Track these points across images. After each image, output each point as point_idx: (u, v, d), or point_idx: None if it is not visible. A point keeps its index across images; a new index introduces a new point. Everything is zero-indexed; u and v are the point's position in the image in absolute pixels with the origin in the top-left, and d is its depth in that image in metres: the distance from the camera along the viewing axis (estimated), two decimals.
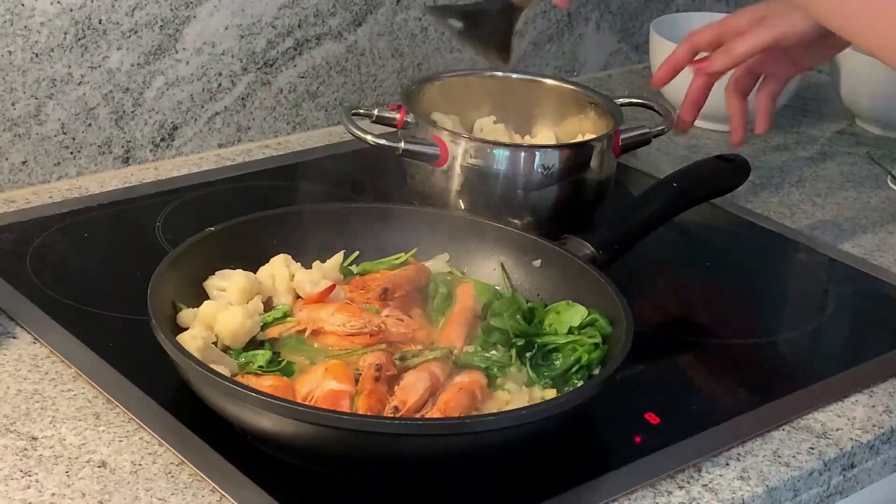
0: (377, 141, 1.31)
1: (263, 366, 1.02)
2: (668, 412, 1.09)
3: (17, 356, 1.09)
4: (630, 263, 1.24)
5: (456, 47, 1.70)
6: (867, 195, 1.57)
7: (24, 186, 1.38)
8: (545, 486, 0.98)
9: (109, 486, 0.94)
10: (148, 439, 1.00)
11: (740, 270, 1.37)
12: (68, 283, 1.20)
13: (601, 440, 1.07)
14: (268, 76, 1.53)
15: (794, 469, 1.04)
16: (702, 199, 1.33)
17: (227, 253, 1.13)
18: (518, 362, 1.07)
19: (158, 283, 1.05)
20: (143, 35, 1.40)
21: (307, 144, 1.56)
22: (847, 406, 1.13)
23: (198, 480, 0.96)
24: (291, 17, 1.52)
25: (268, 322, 1.09)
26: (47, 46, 1.34)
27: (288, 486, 0.95)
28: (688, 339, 1.23)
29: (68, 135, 1.39)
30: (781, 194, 1.55)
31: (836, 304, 1.32)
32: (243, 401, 0.94)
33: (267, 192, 1.44)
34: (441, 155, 1.31)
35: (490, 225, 1.21)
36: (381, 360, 1.03)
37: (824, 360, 1.22)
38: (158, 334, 0.99)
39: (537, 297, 1.16)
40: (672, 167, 1.50)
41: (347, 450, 0.94)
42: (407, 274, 1.16)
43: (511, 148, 1.34)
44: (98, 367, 1.08)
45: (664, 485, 1.01)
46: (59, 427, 1.00)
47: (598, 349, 1.06)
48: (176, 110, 1.46)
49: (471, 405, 1.00)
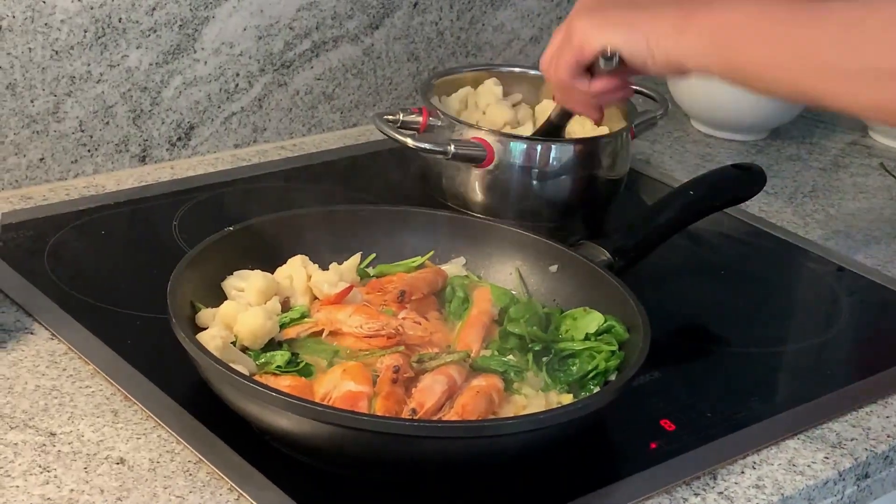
0: (420, 145, 1.31)
1: (282, 366, 1.03)
2: (684, 419, 1.09)
3: (35, 352, 1.09)
4: (644, 271, 1.24)
5: (471, 52, 1.70)
6: (880, 206, 1.57)
7: (41, 183, 1.38)
8: (561, 491, 0.99)
9: (128, 483, 0.95)
10: (166, 437, 1.00)
11: (754, 279, 1.38)
12: (85, 281, 1.21)
13: (617, 446, 1.07)
14: (284, 78, 1.53)
15: (808, 478, 1.04)
16: (717, 207, 1.33)
17: (245, 253, 1.14)
18: (535, 367, 1.07)
19: (178, 281, 1.05)
20: (161, 34, 1.41)
21: (322, 146, 1.57)
22: (862, 416, 1.13)
23: (215, 479, 0.96)
24: (309, 20, 1.53)
25: (285, 323, 1.09)
26: (67, 44, 1.35)
27: (305, 486, 0.96)
28: (703, 347, 1.24)
29: (86, 132, 1.39)
30: (795, 204, 1.55)
31: (850, 314, 1.32)
32: (263, 400, 0.94)
33: (282, 193, 1.44)
34: (487, 156, 1.32)
35: (507, 229, 1.21)
36: (398, 362, 1.03)
37: (838, 370, 1.22)
38: (178, 333, 0.99)
39: (553, 303, 1.16)
40: (685, 175, 1.50)
41: (365, 451, 0.95)
42: (424, 277, 1.16)
43: (557, 143, 1.35)
44: (116, 364, 1.08)
45: (679, 491, 1.01)
46: (77, 423, 1.01)
47: (614, 356, 1.07)
48: (193, 110, 1.47)
49: (488, 409, 1.01)
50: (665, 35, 1.06)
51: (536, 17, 1.75)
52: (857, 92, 0.97)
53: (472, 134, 1.33)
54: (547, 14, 1.76)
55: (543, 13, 1.76)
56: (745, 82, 1.05)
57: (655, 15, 1.07)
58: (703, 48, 1.04)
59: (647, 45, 1.07)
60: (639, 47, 1.07)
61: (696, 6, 1.05)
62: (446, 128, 1.35)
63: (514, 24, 1.73)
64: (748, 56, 1.02)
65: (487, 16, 1.70)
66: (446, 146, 1.31)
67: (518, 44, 1.75)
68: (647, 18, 1.08)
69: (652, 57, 1.07)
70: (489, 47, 1.72)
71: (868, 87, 0.96)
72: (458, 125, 1.35)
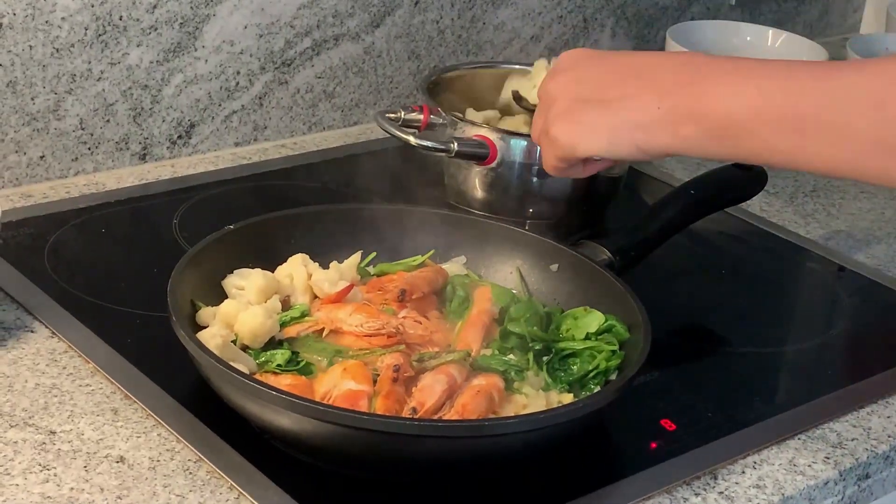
0: (422, 143, 1.31)
1: (282, 365, 1.03)
2: (684, 419, 1.09)
3: (35, 350, 1.09)
4: (644, 270, 1.24)
5: (471, 50, 1.70)
6: (881, 206, 1.57)
7: (41, 181, 1.38)
8: (561, 490, 0.99)
9: (128, 482, 0.95)
10: (166, 436, 1.00)
11: (754, 279, 1.38)
12: (85, 279, 1.21)
13: (617, 446, 1.07)
14: (285, 76, 1.53)
15: (809, 478, 1.04)
16: (718, 207, 1.33)
17: (246, 251, 1.13)
18: (535, 366, 1.07)
19: (178, 280, 1.05)
20: (162, 32, 1.41)
21: (323, 145, 1.57)
22: (862, 416, 1.13)
23: (215, 478, 0.96)
24: (310, 18, 1.52)
25: (285, 321, 1.09)
26: (68, 42, 1.34)
27: (305, 485, 0.96)
28: (703, 347, 1.24)
29: (86, 130, 1.39)
30: (796, 204, 1.55)
31: (851, 314, 1.32)
32: (263, 399, 0.94)
33: (282, 191, 1.44)
34: (490, 154, 1.31)
35: (507, 228, 1.21)
36: (399, 361, 1.03)
37: (839, 370, 1.22)
38: (179, 331, 0.99)
39: (554, 302, 1.16)
40: (686, 174, 1.50)
41: (365, 450, 0.95)
42: (425, 276, 1.16)
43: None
44: (116, 362, 1.08)
45: (680, 491, 1.01)
46: (77, 422, 1.01)
47: (615, 356, 1.07)
48: (193, 108, 1.47)
49: (488, 408, 1.00)
50: (656, 133, 0.97)
51: (537, 16, 1.75)
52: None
53: (475, 132, 1.33)
54: (548, 13, 1.76)
55: (545, 12, 1.75)
56: (771, 166, 0.99)
57: (638, 107, 0.98)
58: (706, 140, 0.96)
59: (636, 147, 0.99)
60: (627, 150, 1.00)
61: (683, 89, 0.96)
62: (448, 125, 1.35)
63: (514, 23, 1.73)
64: (771, 144, 0.94)
65: (488, 14, 1.70)
66: (449, 144, 1.30)
67: (519, 42, 1.75)
68: (630, 117, 0.98)
69: (644, 153, 1.00)
70: (490, 46, 1.72)
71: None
72: (459, 123, 1.35)
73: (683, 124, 0.96)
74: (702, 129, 0.95)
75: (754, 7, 2.04)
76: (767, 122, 0.92)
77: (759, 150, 0.94)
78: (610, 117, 1.00)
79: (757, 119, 0.93)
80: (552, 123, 1.03)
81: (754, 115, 0.93)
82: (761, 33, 1.80)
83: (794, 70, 0.93)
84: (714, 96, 0.95)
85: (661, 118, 0.97)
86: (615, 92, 1.00)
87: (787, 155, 0.93)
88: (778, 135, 0.92)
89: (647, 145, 0.99)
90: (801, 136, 0.91)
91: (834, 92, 0.90)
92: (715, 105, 0.95)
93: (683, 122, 0.96)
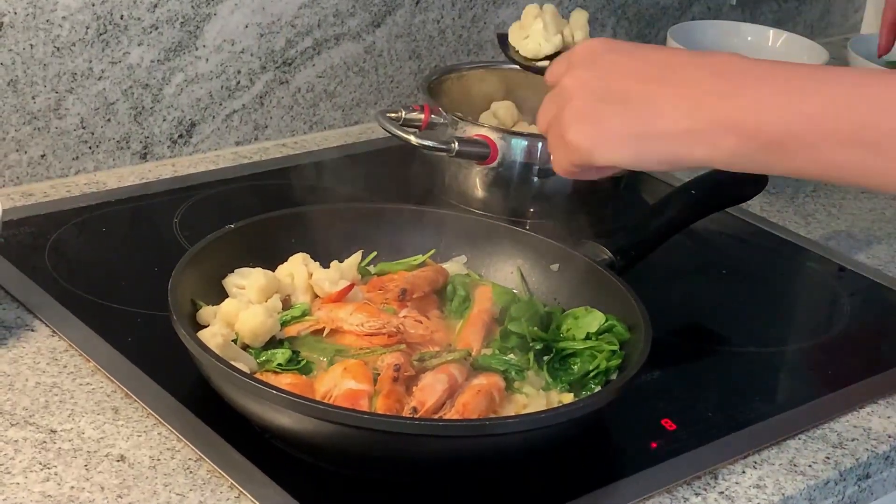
0: (423, 142, 1.30)
1: (283, 364, 1.03)
2: (685, 419, 1.09)
3: (36, 349, 1.09)
4: (645, 270, 1.24)
5: (472, 50, 1.70)
6: (882, 206, 1.57)
7: (42, 180, 1.38)
8: (561, 490, 0.99)
9: (128, 481, 0.95)
10: (166, 434, 1.00)
11: (755, 279, 1.38)
12: (86, 278, 1.21)
13: (617, 446, 1.07)
14: (286, 75, 1.53)
15: (809, 478, 1.04)
16: (719, 206, 1.33)
17: (246, 250, 1.13)
18: (536, 366, 1.07)
19: (179, 279, 1.05)
20: (163, 31, 1.41)
21: (323, 144, 1.57)
22: (863, 416, 1.13)
23: (216, 477, 0.96)
24: (311, 17, 1.52)
25: (286, 321, 1.09)
26: (69, 41, 1.34)
27: (305, 484, 0.96)
28: (703, 347, 1.24)
29: (87, 129, 1.39)
30: (796, 204, 1.55)
31: (851, 314, 1.32)
32: (263, 398, 0.94)
33: (283, 190, 1.44)
34: (491, 153, 1.31)
35: (508, 228, 1.21)
36: (399, 360, 1.03)
37: (839, 370, 1.22)
38: (179, 330, 0.99)
39: (554, 302, 1.16)
40: (687, 174, 1.50)
41: (366, 449, 0.95)
42: (425, 275, 1.16)
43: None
44: (116, 361, 1.08)
45: (680, 491, 1.01)
46: (77, 420, 1.01)
47: (615, 356, 1.07)
48: (194, 107, 1.47)
49: (489, 408, 1.01)
50: (691, 146, 0.88)
51: None
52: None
53: (476, 131, 1.33)
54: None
55: None
56: (828, 181, 0.92)
57: (667, 115, 0.88)
58: (755, 153, 0.87)
59: (665, 159, 0.90)
60: (655, 162, 0.90)
61: (724, 97, 0.87)
62: (448, 125, 1.35)
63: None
64: (832, 158, 0.85)
65: (489, 14, 1.70)
66: (450, 143, 1.31)
67: None
68: (659, 125, 0.88)
69: (673, 166, 0.91)
70: (491, 46, 1.72)
71: None
72: (460, 122, 1.35)
73: (724, 136, 0.87)
74: (748, 141, 0.86)
75: (755, 7, 2.04)
76: (830, 134, 0.84)
77: (815, 164, 0.86)
78: (635, 124, 0.90)
79: (817, 131, 0.84)
80: (569, 126, 0.92)
81: (815, 126, 0.84)
82: (762, 33, 1.80)
83: (853, 77, 0.85)
84: (766, 107, 0.86)
85: (697, 129, 0.87)
86: (640, 94, 0.90)
87: (849, 171, 0.85)
88: (843, 148, 0.84)
89: (678, 158, 0.89)
90: (872, 150, 0.83)
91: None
92: (766, 117, 0.86)
93: (724, 135, 0.87)
